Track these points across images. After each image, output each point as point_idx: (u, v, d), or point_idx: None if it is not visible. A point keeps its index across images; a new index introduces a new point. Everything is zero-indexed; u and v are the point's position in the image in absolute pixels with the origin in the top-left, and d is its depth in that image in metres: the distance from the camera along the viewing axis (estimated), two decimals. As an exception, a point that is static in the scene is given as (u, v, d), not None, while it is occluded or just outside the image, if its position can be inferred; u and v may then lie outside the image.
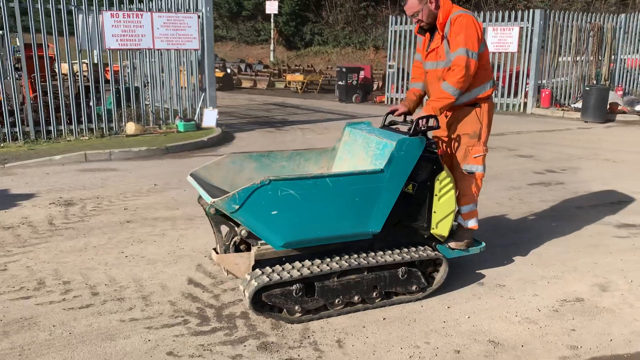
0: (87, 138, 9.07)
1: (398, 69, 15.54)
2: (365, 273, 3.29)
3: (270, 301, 3.08)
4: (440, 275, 3.55)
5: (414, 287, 3.44)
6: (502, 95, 14.22)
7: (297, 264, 3.19)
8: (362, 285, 3.28)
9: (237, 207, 2.85)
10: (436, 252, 3.54)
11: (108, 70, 9.92)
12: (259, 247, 3.20)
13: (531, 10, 13.59)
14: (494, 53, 14.00)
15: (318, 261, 3.21)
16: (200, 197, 3.35)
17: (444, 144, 3.81)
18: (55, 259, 4.10)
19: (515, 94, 14.25)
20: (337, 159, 3.90)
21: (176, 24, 9.62)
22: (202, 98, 10.42)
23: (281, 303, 3.10)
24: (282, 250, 3.15)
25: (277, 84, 21.12)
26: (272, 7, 26.04)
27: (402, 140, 3.24)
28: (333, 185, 3.06)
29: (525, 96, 14.06)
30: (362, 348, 2.92)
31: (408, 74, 15.56)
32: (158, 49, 9.73)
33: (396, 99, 15.65)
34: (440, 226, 3.51)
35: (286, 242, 3.07)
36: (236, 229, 3.32)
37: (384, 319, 3.25)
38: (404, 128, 3.58)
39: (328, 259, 3.23)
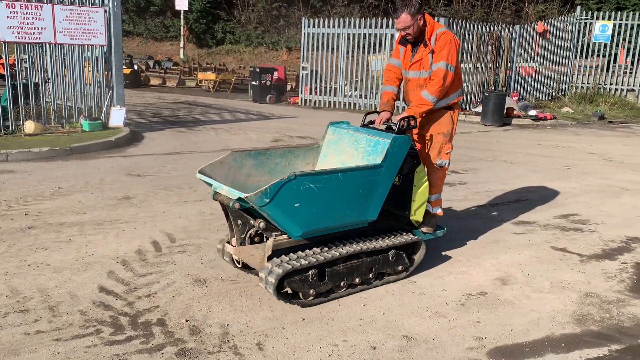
0: (-22, 137, 8.37)
1: (311, 70, 15.71)
2: (364, 257, 3.67)
3: (290, 286, 3.34)
4: (418, 256, 4.02)
5: (400, 267, 3.89)
6: (410, 99, 14.83)
7: (310, 251, 3.49)
8: (362, 268, 3.67)
9: (267, 200, 3.11)
10: (417, 237, 4.01)
11: (2, 64, 9.20)
12: (275, 239, 3.43)
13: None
14: (402, 58, 14.53)
15: (326, 249, 3.55)
16: (215, 192, 3.49)
17: (418, 142, 4.24)
18: (-54, 270, 3.77)
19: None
20: (322, 156, 4.20)
21: (80, 18, 9.11)
22: (109, 96, 9.95)
23: (299, 288, 3.38)
24: (294, 240, 3.45)
25: (188, 82, 20.61)
26: (181, 4, 25.35)
27: (396, 137, 3.66)
28: (343, 179, 3.42)
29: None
30: (282, 349, 2.96)
31: (321, 76, 15.81)
32: (60, 44, 9.18)
33: (310, 100, 15.82)
34: (418, 213, 4.03)
35: (304, 232, 3.39)
36: (252, 222, 3.49)
37: (303, 319, 3.31)
38: (382, 127, 4.09)
39: (334, 247, 3.58)
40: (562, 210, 5.87)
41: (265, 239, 3.53)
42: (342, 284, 3.59)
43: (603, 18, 16.34)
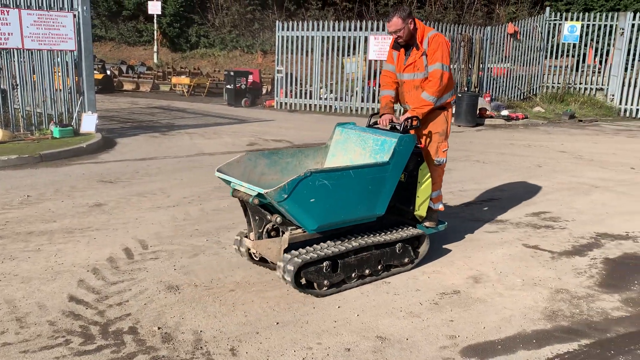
0: (-56, 146, 8.15)
1: (286, 73, 15.70)
2: (373, 250, 3.86)
3: (306, 277, 3.54)
4: (423, 249, 4.21)
5: (406, 260, 4.10)
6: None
7: (325, 244, 3.71)
8: (371, 260, 3.86)
9: (286, 196, 3.31)
10: (421, 230, 4.23)
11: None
12: (290, 233, 3.63)
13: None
14: (375, 61, 14.64)
15: (339, 242, 3.74)
16: (234, 189, 3.68)
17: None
18: None
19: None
20: (330, 155, 4.40)
21: (49, 23, 8.95)
22: (79, 102, 9.79)
23: (314, 278, 3.58)
24: (309, 235, 3.66)
25: (162, 87, 20.42)
26: (154, 8, 25.11)
27: (402, 137, 3.88)
28: (354, 176, 3.63)
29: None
30: (256, 354, 2.94)
31: (296, 78, 15.80)
32: (28, 49, 9.00)
33: (286, 103, 15.80)
34: (421, 208, 4.25)
35: (319, 226, 3.59)
36: (269, 217, 3.70)
37: (277, 323, 3.29)
38: (386, 128, 4.35)
39: (346, 240, 3.79)
40: (534, 208, 5.96)
41: (281, 233, 3.79)
42: (353, 275, 3.80)
43: (572, 19, 16.68)
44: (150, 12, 25.40)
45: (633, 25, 15.37)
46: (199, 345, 3.01)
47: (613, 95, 15.84)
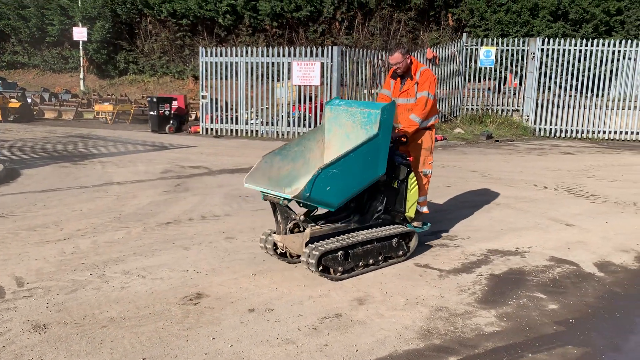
0: None
1: (212, 99, 15.57)
2: (375, 243, 4.65)
3: (325, 263, 4.32)
4: (413, 243, 5.03)
5: (400, 252, 4.92)
6: (310, 125, 14.99)
7: (338, 237, 4.52)
8: (374, 251, 4.67)
9: (308, 194, 4.11)
10: (411, 229, 5.05)
11: None
12: (311, 229, 4.42)
13: (329, 47, 14.67)
14: (299, 86, 14.79)
15: (349, 236, 4.57)
16: (265, 195, 4.42)
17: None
18: None
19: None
20: (327, 132, 5.08)
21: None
22: (-18, 132, 9.29)
23: (330, 265, 4.38)
24: (325, 230, 4.51)
25: (86, 115, 19.76)
26: (80, 34, 24.43)
27: (384, 107, 4.55)
28: (355, 156, 4.36)
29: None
30: (111, 394, 2.80)
31: (226, 103, 15.65)
32: None
33: (212, 128, 15.63)
34: (411, 210, 5.08)
35: (339, 202, 4.42)
36: (293, 216, 4.58)
37: (144, 359, 3.17)
38: None
39: (355, 235, 4.62)
40: (433, 228, 6.09)
41: (302, 229, 4.54)
42: (360, 263, 4.59)
43: (490, 44, 17.51)
44: (75, 38, 24.69)
45: (542, 49, 16.30)
46: (50, 388, 2.85)
47: (528, 116, 16.65)
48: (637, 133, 15.69)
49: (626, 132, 15.75)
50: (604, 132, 15.88)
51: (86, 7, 25.33)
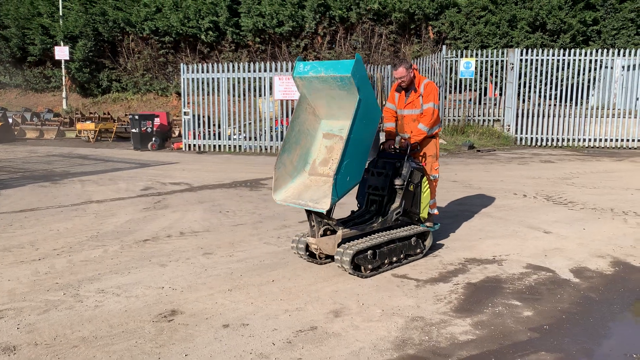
0: None
1: (194, 115, 15.57)
2: (398, 242, 5.07)
3: (357, 262, 4.70)
4: (428, 242, 5.45)
5: (417, 250, 5.32)
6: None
7: (366, 238, 4.91)
8: (397, 250, 5.07)
9: (337, 198, 4.53)
10: (425, 228, 5.48)
11: None
12: (342, 232, 4.81)
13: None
14: (282, 101, 14.84)
15: (376, 236, 5.00)
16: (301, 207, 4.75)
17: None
18: None
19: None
20: (311, 98, 4.99)
21: None
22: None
23: (361, 263, 4.75)
24: (353, 232, 4.91)
25: (68, 134, 19.66)
26: (62, 53, 24.37)
27: (352, 70, 4.41)
28: (355, 134, 4.57)
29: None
30: (78, 415, 2.75)
31: (208, 118, 15.63)
32: None
33: (194, 145, 15.60)
34: (424, 211, 5.50)
35: (362, 176, 4.86)
36: (325, 220, 4.86)
37: (114, 378, 3.12)
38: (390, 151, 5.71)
39: (381, 234, 5.05)
40: (412, 238, 6.11)
41: (334, 232, 4.87)
42: (385, 261, 4.96)
43: (470, 56, 17.73)
44: (57, 57, 24.62)
45: (521, 60, 16.53)
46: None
47: (509, 126, 16.84)
48: (616, 140, 15.93)
49: (605, 140, 15.99)
50: (584, 140, 16.10)
51: (68, 26, 25.30)
